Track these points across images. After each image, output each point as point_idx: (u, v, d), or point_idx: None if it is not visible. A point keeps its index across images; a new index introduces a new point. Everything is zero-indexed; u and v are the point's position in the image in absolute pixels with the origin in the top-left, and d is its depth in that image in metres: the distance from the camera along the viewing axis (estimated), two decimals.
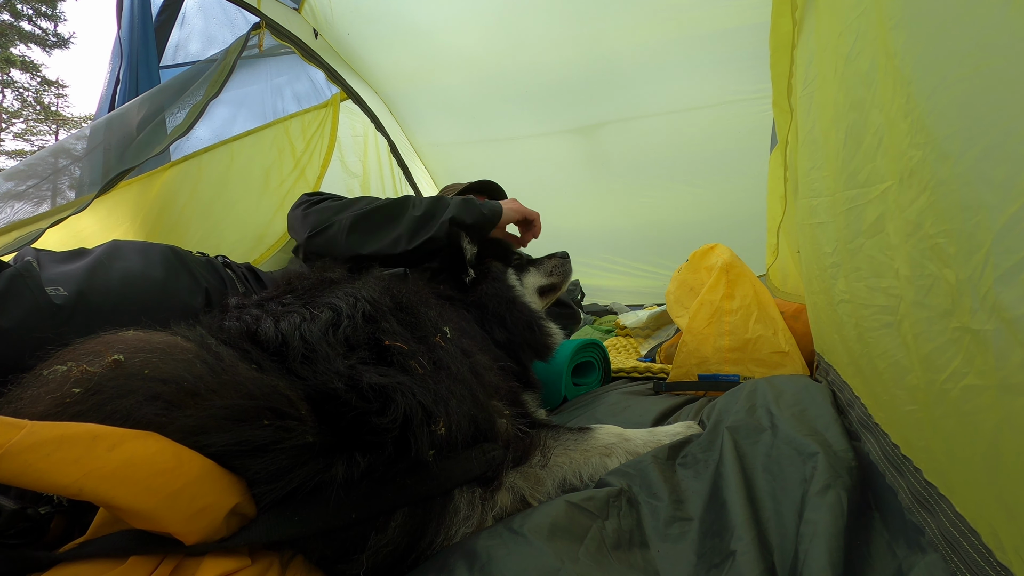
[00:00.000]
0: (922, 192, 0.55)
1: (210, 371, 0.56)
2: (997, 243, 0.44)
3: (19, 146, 21.93)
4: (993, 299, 0.44)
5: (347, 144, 2.91)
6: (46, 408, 0.50)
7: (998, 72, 0.45)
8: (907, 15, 0.59)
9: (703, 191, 3.14)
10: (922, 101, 0.55)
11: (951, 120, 0.50)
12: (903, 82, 0.59)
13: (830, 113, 0.87)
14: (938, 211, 0.52)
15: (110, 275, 1.15)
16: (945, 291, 0.52)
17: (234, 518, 0.53)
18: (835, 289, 0.89)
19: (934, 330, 0.55)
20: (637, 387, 1.47)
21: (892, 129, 0.63)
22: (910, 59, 0.58)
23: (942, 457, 0.59)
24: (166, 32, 2.24)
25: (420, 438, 0.61)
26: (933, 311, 0.55)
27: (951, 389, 0.52)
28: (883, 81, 0.66)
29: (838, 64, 0.82)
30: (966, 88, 0.49)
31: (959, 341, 0.51)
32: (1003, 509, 0.48)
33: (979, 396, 0.48)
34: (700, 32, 2.46)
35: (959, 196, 0.49)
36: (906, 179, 0.59)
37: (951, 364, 0.52)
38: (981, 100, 0.47)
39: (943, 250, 0.52)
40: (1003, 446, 0.46)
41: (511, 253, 1.60)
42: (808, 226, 1.07)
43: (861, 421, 0.85)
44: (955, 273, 0.50)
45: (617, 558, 0.64)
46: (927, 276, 0.56)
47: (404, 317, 0.78)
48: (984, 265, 0.45)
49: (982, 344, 0.47)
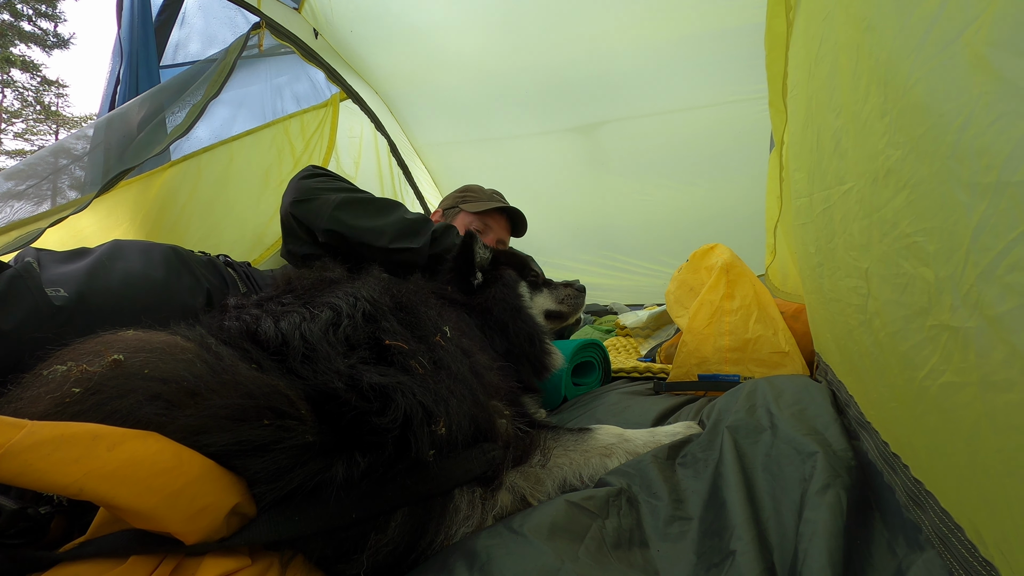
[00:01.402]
0: (900, 191, 0.55)
1: (210, 371, 0.56)
2: (975, 241, 0.44)
3: (19, 146, 21.94)
4: (976, 296, 0.44)
5: (342, 145, 2.92)
6: (46, 408, 0.50)
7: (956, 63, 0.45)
8: (878, 14, 0.60)
9: (703, 191, 3.14)
10: (899, 100, 0.55)
11: (922, 118, 0.51)
12: (880, 82, 0.59)
13: (802, 115, 0.88)
14: (917, 210, 0.52)
15: (111, 275, 1.15)
16: (922, 289, 0.52)
17: (234, 518, 0.53)
18: (823, 288, 0.90)
19: (911, 328, 0.56)
20: (637, 387, 1.47)
21: (861, 130, 0.64)
22: (884, 58, 0.58)
23: (924, 454, 0.59)
24: (166, 32, 2.24)
25: (420, 438, 0.61)
26: (909, 309, 0.55)
27: (930, 386, 0.53)
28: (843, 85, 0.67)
29: (810, 67, 0.83)
30: (931, 83, 0.49)
31: (936, 339, 0.51)
32: (984, 505, 0.48)
33: (958, 393, 0.49)
34: (700, 32, 2.46)
35: (937, 195, 0.49)
36: (881, 179, 0.59)
37: (928, 362, 0.53)
38: (944, 95, 0.47)
39: (921, 248, 0.52)
40: (982, 443, 0.46)
41: (529, 269, 1.59)
42: (795, 226, 1.08)
43: (857, 420, 0.85)
44: (934, 271, 0.50)
45: (617, 557, 0.64)
46: (903, 275, 0.56)
47: (404, 316, 0.78)
48: (964, 263, 0.45)
49: (961, 341, 0.47)
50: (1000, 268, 0.41)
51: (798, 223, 1.02)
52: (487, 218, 1.95)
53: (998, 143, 0.40)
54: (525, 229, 2.06)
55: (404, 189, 3.44)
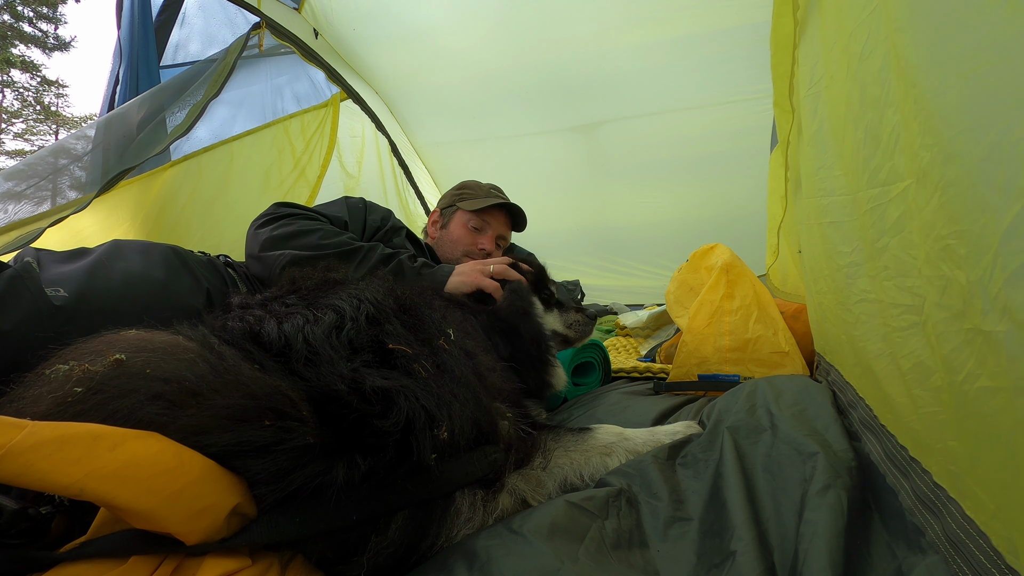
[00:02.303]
0: (934, 193, 0.55)
1: (212, 371, 0.56)
2: (1003, 245, 0.43)
3: (19, 146, 21.94)
4: (1004, 301, 0.44)
5: (345, 144, 2.91)
6: (48, 407, 0.50)
7: (996, 71, 0.45)
8: (911, 16, 0.60)
9: (703, 191, 3.14)
10: (928, 103, 0.55)
11: (955, 121, 0.50)
12: (910, 84, 0.59)
13: (842, 111, 0.87)
14: (948, 212, 0.52)
15: (111, 276, 1.15)
16: (957, 292, 0.52)
17: (235, 518, 0.53)
18: (853, 288, 0.88)
19: (951, 331, 0.55)
20: (637, 387, 1.47)
21: (906, 129, 0.63)
22: (915, 60, 0.58)
23: (963, 459, 0.58)
24: (166, 32, 2.24)
25: (422, 441, 0.61)
26: (949, 312, 0.55)
27: (968, 391, 0.52)
28: (896, 80, 0.66)
29: (851, 63, 0.82)
30: (967, 88, 0.49)
31: (972, 343, 0.50)
32: (1021, 513, 0.47)
33: (993, 398, 0.48)
34: (700, 32, 2.46)
35: (967, 197, 0.49)
36: (921, 179, 0.59)
37: (966, 366, 0.52)
38: (980, 100, 0.47)
39: (954, 251, 0.52)
40: (1018, 448, 0.45)
41: (545, 286, 1.58)
42: (818, 225, 1.06)
43: (864, 422, 0.85)
44: (966, 274, 0.50)
45: (617, 558, 0.64)
46: (941, 277, 0.56)
47: (408, 319, 0.78)
48: (993, 267, 0.45)
49: (994, 346, 0.46)
50: None
51: (824, 221, 1.00)
52: (485, 215, 1.91)
53: None
54: (525, 224, 2.03)
55: (405, 189, 3.44)
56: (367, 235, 1.69)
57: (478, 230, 1.89)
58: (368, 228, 1.69)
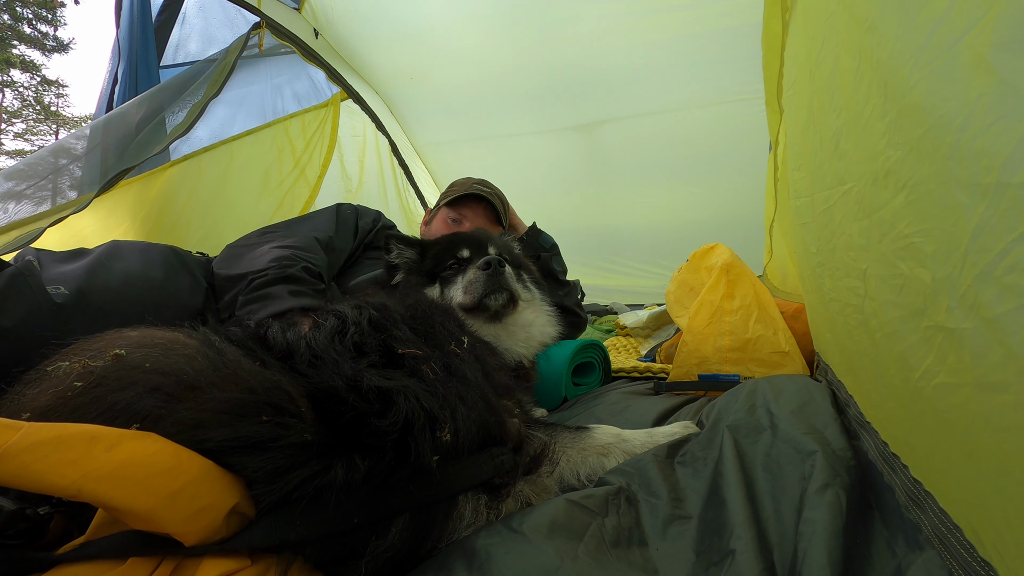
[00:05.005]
0: (899, 192, 0.55)
1: (211, 366, 0.56)
2: (973, 241, 0.43)
3: (19, 146, 21.95)
4: (973, 297, 0.44)
5: (346, 144, 2.91)
6: (48, 401, 0.50)
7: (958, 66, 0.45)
8: (881, 16, 0.60)
9: (703, 191, 3.13)
10: (898, 101, 0.55)
11: (922, 119, 0.50)
12: (880, 83, 0.59)
13: (803, 115, 0.88)
14: (916, 210, 0.52)
15: (110, 275, 1.16)
16: (917, 290, 0.52)
17: (234, 518, 0.53)
18: (824, 288, 0.89)
19: (906, 329, 0.56)
20: (637, 387, 1.47)
21: (862, 131, 0.63)
22: (885, 58, 0.58)
23: (922, 455, 0.60)
24: (166, 32, 2.24)
25: (422, 443, 0.60)
26: (905, 310, 0.56)
27: (924, 387, 0.53)
28: (844, 86, 0.67)
29: (811, 68, 0.83)
30: (932, 85, 0.49)
31: (931, 340, 0.51)
32: (981, 506, 0.48)
33: (952, 394, 0.48)
34: (700, 32, 2.46)
35: (936, 195, 0.49)
36: (880, 180, 0.59)
37: (923, 363, 0.53)
38: (942, 96, 0.47)
39: (919, 249, 0.52)
40: (977, 444, 0.46)
41: (450, 257, 1.40)
42: (795, 226, 1.08)
43: (857, 419, 0.85)
44: (931, 272, 0.50)
45: (616, 556, 0.64)
46: (899, 276, 0.56)
47: (418, 325, 0.79)
48: (963, 263, 0.45)
49: (956, 342, 0.47)
50: (999, 269, 0.41)
51: (799, 223, 1.02)
52: (462, 208, 1.90)
53: (998, 144, 0.40)
54: (508, 216, 1.98)
55: (405, 188, 3.44)
56: (360, 238, 1.73)
57: (456, 222, 1.89)
58: (360, 232, 1.74)
